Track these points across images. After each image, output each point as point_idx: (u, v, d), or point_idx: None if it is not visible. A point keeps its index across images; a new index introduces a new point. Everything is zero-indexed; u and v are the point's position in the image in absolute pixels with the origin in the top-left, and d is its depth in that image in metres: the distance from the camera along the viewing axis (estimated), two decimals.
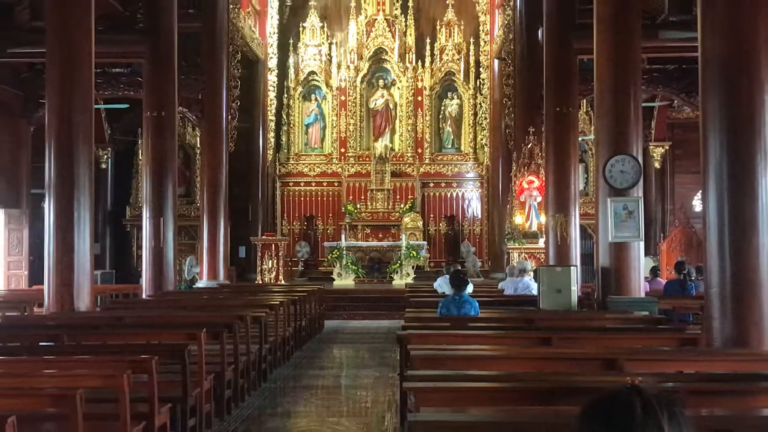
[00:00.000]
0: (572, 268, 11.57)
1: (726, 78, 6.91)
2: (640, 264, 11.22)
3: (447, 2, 24.39)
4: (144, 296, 14.21)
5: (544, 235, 16.07)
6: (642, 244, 11.17)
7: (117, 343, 7.67)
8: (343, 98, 24.34)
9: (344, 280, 21.66)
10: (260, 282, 19.60)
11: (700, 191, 9.24)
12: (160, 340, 7.72)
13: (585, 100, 17.60)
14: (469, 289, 10.75)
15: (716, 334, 6.86)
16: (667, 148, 22.25)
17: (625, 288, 10.88)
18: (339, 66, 24.44)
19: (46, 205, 10.83)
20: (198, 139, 19.82)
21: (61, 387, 5.28)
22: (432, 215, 24.30)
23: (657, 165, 22.39)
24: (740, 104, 6.84)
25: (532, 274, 13.34)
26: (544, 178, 15.81)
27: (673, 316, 10.48)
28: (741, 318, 6.71)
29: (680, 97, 17.83)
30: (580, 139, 15.64)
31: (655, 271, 15.00)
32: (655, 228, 21.98)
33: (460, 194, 24.64)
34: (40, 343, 7.70)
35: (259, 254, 20.35)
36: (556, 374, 5.77)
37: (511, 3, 18.78)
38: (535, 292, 11.90)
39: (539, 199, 17.61)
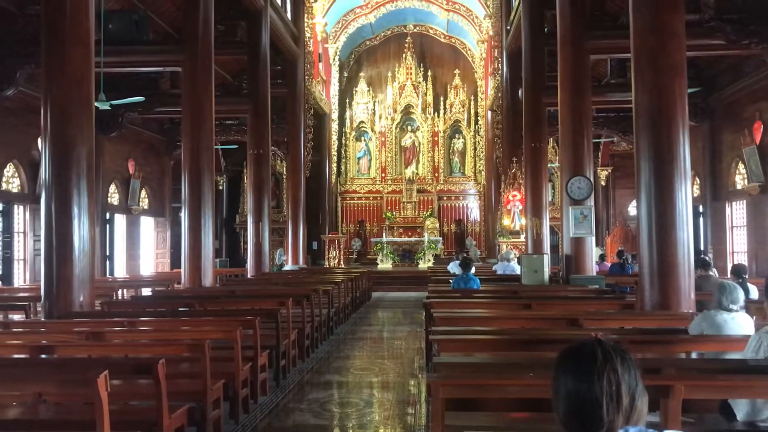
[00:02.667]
0: (544, 255, 11.48)
1: (652, 122, 6.81)
2: (592, 252, 11.11)
3: (455, 72, 24.34)
4: (248, 276, 14.31)
5: (524, 233, 15.95)
6: (593, 238, 11.05)
7: (231, 308, 7.75)
8: (383, 139, 24.34)
9: (385, 264, 21.64)
10: (328, 266, 19.66)
11: (634, 201, 9.14)
12: (260, 306, 7.79)
13: (552, 139, 17.44)
14: (473, 270, 10.71)
15: (647, 301, 6.77)
16: (610, 171, 21.99)
17: (582, 269, 10.77)
18: (380, 117, 24.44)
19: (182, 214, 10.97)
20: (284, 168, 19.91)
21: (194, 339, 5.36)
22: (446, 219, 24.21)
23: (603, 183, 22.11)
24: (662, 140, 6.74)
25: (516, 260, 13.26)
26: (524, 193, 15.70)
27: (615, 289, 10.34)
28: (664, 289, 6.61)
29: (619, 135, 17.63)
30: (548, 165, 15.51)
31: (602, 257, 14.79)
32: (602, 227, 21.70)
33: (465, 205, 24.52)
34: (179, 309, 7.81)
35: (326, 247, 20.44)
36: (535, 329, 5.74)
37: (500, 71, 18.65)
38: (518, 272, 11.84)
39: (520, 207, 17.50)
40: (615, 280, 11.34)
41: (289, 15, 18.12)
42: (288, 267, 16.85)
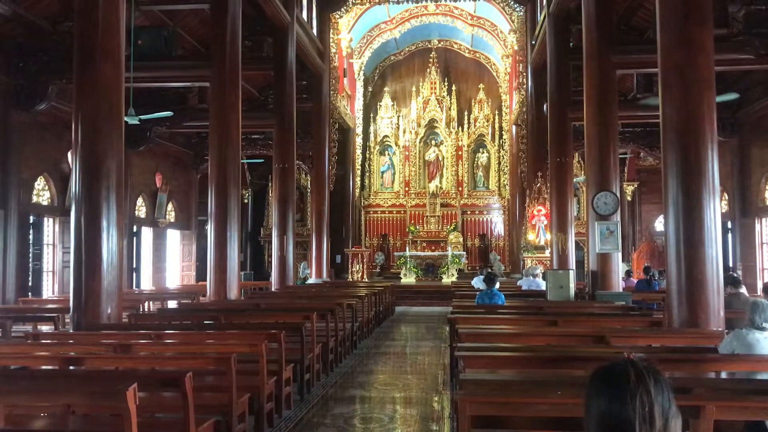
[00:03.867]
0: (570, 271, 11.36)
1: (680, 137, 6.73)
2: (618, 268, 10.99)
3: (479, 87, 24.34)
4: (273, 289, 14.37)
5: (549, 248, 15.81)
6: (619, 254, 10.94)
7: (256, 322, 7.78)
8: (407, 153, 24.38)
9: (408, 278, 21.57)
10: (351, 280, 19.67)
11: (661, 216, 9.02)
12: (284, 320, 7.81)
13: (577, 153, 17.31)
14: (497, 285, 10.64)
15: (675, 318, 6.65)
16: (636, 186, 21.78)
17: (608, 285, 10.65)
18: (404, 131, 24.48)
19: (208, 227, 11.06)
20: (309, 182, 20.03)
21: (220, 352, 5.38)
22: (469, 233, 24.10)
23: (629, 198, 21.90)
24: (690, 155, 6.65)
25: (541, 275, 13.14)
26: (549, 208, 15.59)
27: (642, 305, 10.20)
28: (692, 306, 6.50)
29: (645, 150, 17.49)
30: (574, 180, 15.39)
31: (628, 273, 14.66)
32: (628, 242, 21.47)
33: (489, 219, 24.40)
34: (205, 322, 7.85)
35: (350, 260, 20.45)
36: (561, 346, 5.68)
37: (524, 86, 18.62)
38: (543, 287, 11.71)
39: (545, 222, 17.34)
40: (641, 296, 11.18)
41: (314, 31, 18.30)
42: (311, 280, 16.90)
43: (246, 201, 22.15)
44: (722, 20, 11.15)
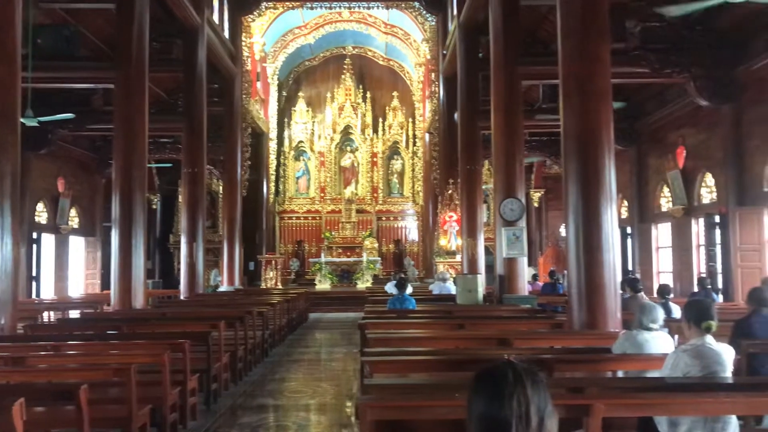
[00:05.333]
0: (479, 275, 11.63)
1: (579, 146, 7.00)
2: (525, 272, 11.31)
3: (393, 94, 24.62)
4: (181, 298, 14.00)
5: (460, 253, 16.12)
6: (525, 258, 11.26)
7: (161, 331, 7.54)
8: (322, 159, 24.37)
9: (323, 285, 21.48)
10: (264, 287, 19.41)
11: (564, 223, 9.34)
12: (192, 329, 7.62)
13: (486, 161, 17.75)
14: (409, 290, 10.73)
15: (575, 320, 6.90)
16: (543, 193, 22.53)
17: (515, 288, 10.94)
18: (319, 137, 24.47)
19: (112, 234, 10.67)
20: (221, 187, 19.64)
21: (121, 363, 5.19)
22: (384, 239, 24.30)
23: (536, 204, 22.63)
24: (589, 164, 6.92)
25: (451, 280, 13.38)
26: (460, 214, 15.90)
27: (547, 308, 10.54)
28: (591, 309, 6.75)
29: (550, 158, 18.11)
30: (483, 187, 15.77)
31: (535, 277, 15.11)
32: (535, 247, 22.18)
33: (403, 225, 24.70)
34: (107, 332, 7.56)
35: (263, 267, 20.19)
36: (467, 349, 5.79)
37: (437, 94, 18.96)
38: (453, 292, 11.93)
39: (457, 228, 17.67)
40: (547, 299, 11.57)
41: (226, 34, 18.01)
42: (223, 288, 16.58)
43: (154, 206, 21.52)
44: (620, 35, 11.69)
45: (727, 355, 3.91)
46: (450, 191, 17.95)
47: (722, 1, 8.59)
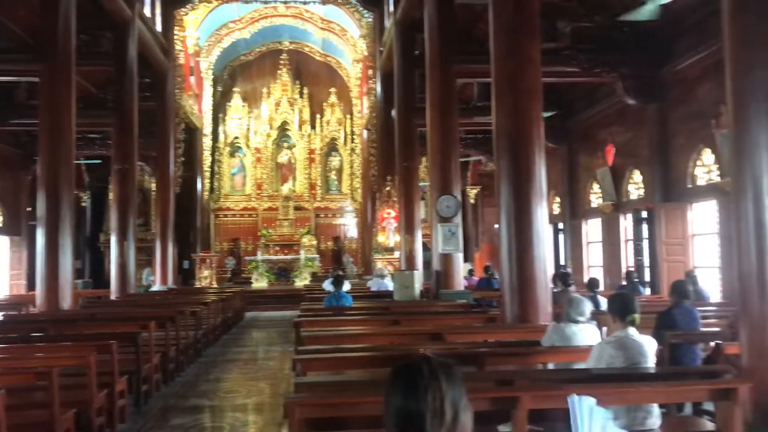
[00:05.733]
0: (415, 271, 11.74)
1: (510, 144, 7.12)
2: (460, 267, 11.46)
3: (330, 90, 24.51)
4: (112, 298, 13.61)
5: (398, 249, 16.21)
6: (461, 254, 11.40)
7: (89, 333, 7.32)
8: (258, 155, 24.08)
9: (260, 283, 21.25)
10: (199, 286, 19.07)
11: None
12: (121, 330, 7.42)
13: (424, 158, 17.89)
14: (347, 287, 10.74)
15: (508, 314, 7.03)
16: (479, 190, 22.85)
17: (451, 284, 11.05)
18: (256, 133, 24.15)
19: (38, 233, 10.28)
20: (153, 184, 19.18)
21: (44, 366, 5.02)
22: (323, 236, 24.18)
23: (472, 201, 22.95)
24: (520, 161, 7.05)
25: (389, 276, 13.45)
26: (398, 211, 15.99)
27: (482, 303, 10.71)
28: (523, 303, 6.88)
29: (485, 156, 18.37)
30: (420, 184, 15.90)
31: (471, 272, 15.36)
32: (472, 243, 22.50)
33: (342, 222, 24.66)
34: (32, 334, 7.29)
35: (198, 266, 19.84)
36: (401, 345, 5.83)
37: (374, 91, 19.00)
38: (391, 288, 11.99)
39: (395, 224, 17.80)
40: (482, 294, 11.75)
41: (159, 27, 17.57)
42: (156, 288, 16.20)
43: (84, 204, 20.84)
44: (551, 35, 11.95)
45: (649, 346, 4.07)
46: (388, 188, 18.04)
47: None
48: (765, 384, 3.43)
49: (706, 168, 11.84)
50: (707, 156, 11.72)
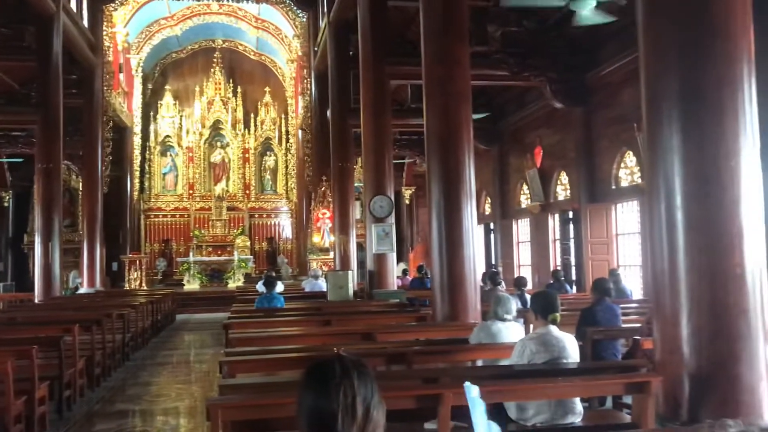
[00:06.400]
0: (349, 271, 11.74)
1: (441, 145, 7.24)
2: (394, 267, 11.56)
3: (265, 90, 24.25)
4: (36, 301, 13.10)
5: (333, 250, 16.18)
6: (395, 254, 11.51)
7: (9, 337, 6.99)
8: (191, 155, 23.58)
9: (192, 285, 20.83)
10: (128, 288, 18.56)
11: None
12: (44, 334, 7.15)
13: (359, 159, 17.94)
14: (279, 288, 10.67)
15: (438, 313, 7.13)
16: (413, 190, 23.06)
17: (384, 284, 11.14)
18: (188, 132, 23.64)
19: None
20: (80, 183, 18.56)
21: None
22: (257, 237, 23.90)
23: (407, 201, 23.16)
24: (450, 163, 7.17)
25: (324, 277, 13.41)
26: (332, 211, 15.96)
27: (415, 302, 10.80)
28: (453, 302, 6.99)
29: (420, 157, 18.54)
30: (355, 184, 15.93)
31: (405, 272, 15.46)
32: (406, 243, 22.70)
33: (277, 222, 24.42)
34: None
35: (127, 268, 19.32)
36: (332, 345, 5.82)
37: (309, 91, 18.91)
38: (325, 289, 11.96)
39: (330, 225, 17.75)
40: (415, 293, 11.86)
41: (86, 22, 17.01)
42: (83, 290, 15.69)
43: (6, 204, 20.02)
44: (482, 39, 12.16)
45: (569, 342, 4.20)
46: (323, 188, 17.99)
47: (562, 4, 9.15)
48: (676, 377, 3.58)
49: (628, 170, 12.29)
50: (630, 158, 12.17)
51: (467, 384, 2.00)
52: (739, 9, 3.66)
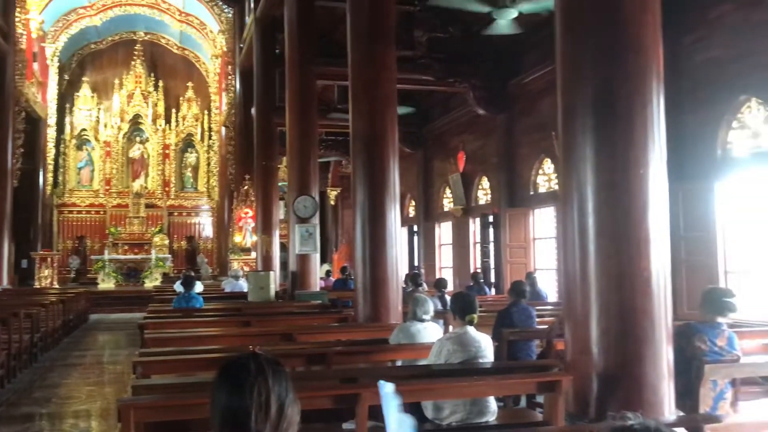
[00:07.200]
0: (271, 272, 11.64)
1: (367, 147, 7.28)
2: (317, 268, 11.52)
3: (188, 85, 23.69)
4: None
5: (255, 250, 15.99)
6: (318, 255, 11.46)
7: None
8: (108, 149, 22.75)
9: (107, 284, 20.13)
10: (39, 286, 17.75)
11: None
12: None
13: (283, 158, 17.79)
14: (198, 287, 10.45)
15: (360, 314, 7.17)
16: (339, 191, 23.06)
17: (307, 285, 11.07)
18: (106, 125, 22.84)
19: None
20: None
21: None
22: (176, 235, 23.32)
23: (332, 202, 23.13)
24: (375, 164, 7.22)
25: (245, 277, 13.23)
26: (255, 210, 15.77)
27: (338, 303, 10.78)
28: (375, 303, 7.04)
29: (345, 158, 18.57)
30: (279, 184, 15.81)
31: (328, 273, 15.42)
32: (330, 244, 22.68)
33: (197, 221, 23.91)
34: None
35: (38, 265, 18.48)
36: (250, 345, 5.76)
37: (233, 88, 18.64)
38: (246, 289, 11.81)
39: (252, 224, 17.53)
40: (338, 294, 11.85)
41: None
42: None
43: None
44: (408, 43, 12.31)
45: (485, 342, 4.31)
46: (246, 187, 17.76)
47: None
48: (585, 377, 3.73)
49: (546, 176, 12.69)
50: (548, 165, 12.57)
51: (381, 381, 2.03)
52: (650, 24, 3.85)
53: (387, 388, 1.95)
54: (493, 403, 4.21)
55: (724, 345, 4.29)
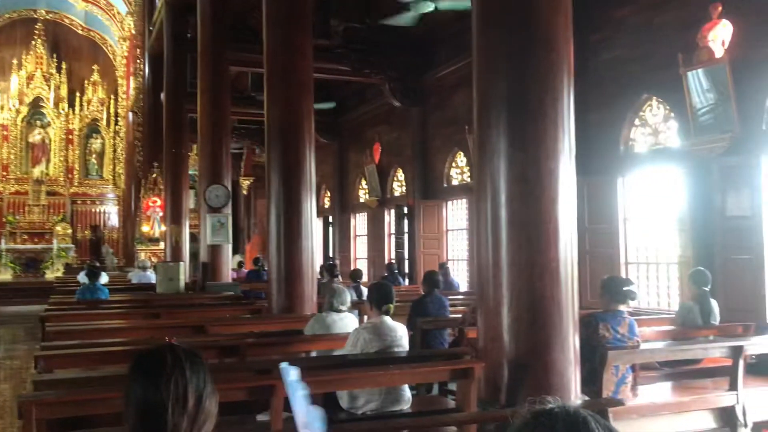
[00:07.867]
0: (180, 263, 11.36)
1: (282, 136, 7.21)
2: (229, 259, 11.34)
3: (93, 68, 22.63)
4: None
5: (164, 240, 15.54)
6: (230, 246, 11.28)
7: None
8: (5, 133, 21.44)
9: (4, 275, 19.07)
10: None
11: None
12: None
13: (195, 145, 17.33)
14: (104, 279, 10.09)
15: (275, 305, 7.11)
16: (252, 180, 22.66)
17: (219, 276, 10.90)
18: (3, 108, 21.53)
19: None
20: None
21: None
22: (80, 224, 22.26)
23: (245, 192, 22.73)
24: (290, 154, 7.16)
25: (153, 268, 12.85)
26: (164, 199, 15.31)
27: (250, 295, 10.63)
28: (290, 294, 7.00)
29: (259, 146, 18.32)
30: (190, 172, 15.41)
31: (240, 264, 15.18)
32: (243, 235, 22.31)
33: (102, 210, 22.91)
34: None
35: None
36: (160, 338, 5.60)
37: (142, 72, 17.99)
38: (154, 281, 11.48)
39: (161, 213, 17.02)
40: (251, 286, 11.69)
41: None
42: None
43: None
44: (325, 32, 12.19)
45: (401, 332, 4.36)
46: (154, 175, 17.23)
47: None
48: (496, 363, 3.83)
49: (459, 170, 12.94)
50: (461, 159, 12.81)
51: (284, 365, 1.93)
52: (561, 22, 3.98)
53: (291, 375, 1.84)
54: (407, 392, 4.27)
55: (626, 332, 4.50)
